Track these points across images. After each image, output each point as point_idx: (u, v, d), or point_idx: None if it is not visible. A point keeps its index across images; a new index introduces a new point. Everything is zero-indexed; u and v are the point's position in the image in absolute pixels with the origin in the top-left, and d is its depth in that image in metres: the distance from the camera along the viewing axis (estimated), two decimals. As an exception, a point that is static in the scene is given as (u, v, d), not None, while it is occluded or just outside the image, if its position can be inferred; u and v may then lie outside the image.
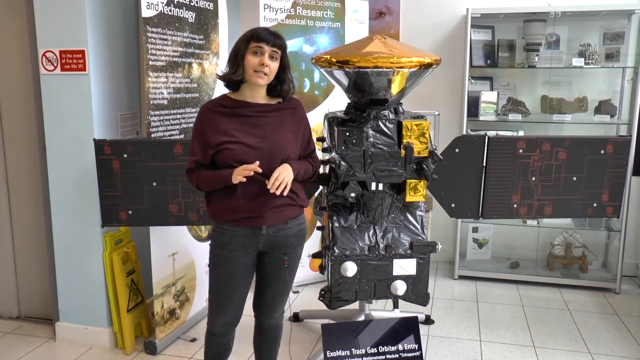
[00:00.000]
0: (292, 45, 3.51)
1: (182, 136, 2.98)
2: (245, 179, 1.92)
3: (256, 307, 2.26)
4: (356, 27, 3.77)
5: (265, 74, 1.96)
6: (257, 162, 1.91)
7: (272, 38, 1.95)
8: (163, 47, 2.79)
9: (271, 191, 1.93)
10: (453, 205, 2.81)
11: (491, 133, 3.10)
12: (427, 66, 2.37)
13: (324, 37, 3.67)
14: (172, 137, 2.90)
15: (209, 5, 3.15)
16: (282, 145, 2.01)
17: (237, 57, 1.98)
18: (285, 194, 1.96)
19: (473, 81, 3.89)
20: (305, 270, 3.66)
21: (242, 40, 1.98)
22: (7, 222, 3.24)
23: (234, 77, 1.99)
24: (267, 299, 2.21)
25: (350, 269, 2.44)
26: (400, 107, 2.59)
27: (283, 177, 1.94)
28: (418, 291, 2.53)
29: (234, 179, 1.93)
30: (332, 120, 2.51)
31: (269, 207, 2.03)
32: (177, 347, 2.99)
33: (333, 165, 2.38)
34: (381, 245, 2.50)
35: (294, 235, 2.13)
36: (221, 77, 2.04)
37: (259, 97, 2.05)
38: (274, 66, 1.98)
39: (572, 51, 3.77)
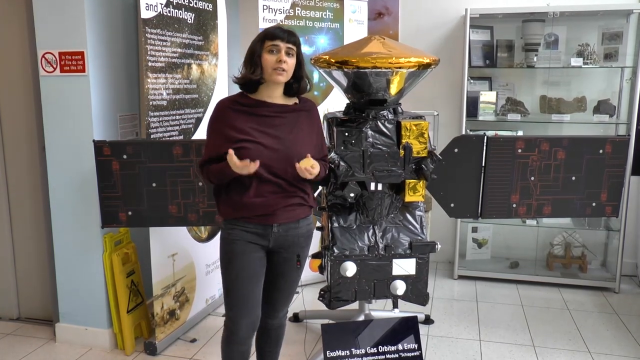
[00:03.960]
0: (291, 46, 3.51)
1: (181, 137, 2.99)
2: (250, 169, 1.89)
3: (262, 306, 2.21)
4: (355, 27, 3.78)
5: (284, 70, 1.96)
6: (258, 163, 1.90)
7: (287, 35, 1.97)
8: (162, 48, 2.79)
9: (301, 168, 1.92)
10: (452, 205, 2.81)
11: (490, 133, 3.10)
12: (425, 66, 2.38)
13: (323, 37, 3.67)
14: (171, 138, 2.91)
15: (208, 6, 3.16)
16: (298, 147, 2.01)
17: (253, 57, 1.98)
18: (306, 176, 1.96)
19: (472, 81, 3.90)
20: (305, 271, 3.65)
21: (257, 41, 1.99)
22: (7, 223, 3.24)
23: (253, 77, 1.98)
24: (273, 298, 2.20)
25: (350, 269, 2.45)
26: (399, 108, 2.60)
27: (316, 169, 1.95)
28: (417, 291, 2.54)
29: (235, 169, 1.90)
30: (331, 121, 2.52)
31: (281, 206, 2.03)
32: (177, 347, 2.99)
33: (332, 166, 2.39)
34: (380, 245, 2.50)
35: (303, 235, 2.13)
36: (239, 80, 2.03)
37: (277, 96, 2.05)
38: (291, 62, 1.99)
39: (570, 51, 3.78)
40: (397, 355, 2.39)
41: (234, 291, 2.08)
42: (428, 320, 3.27)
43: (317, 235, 3.01)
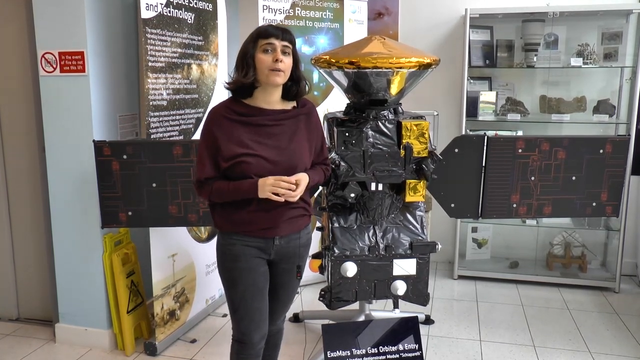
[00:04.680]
0: (291, 46, 3.51)
1: (181, 137, 2.98)
2: (282, 199, 1.81)
3: None
4: (355, 27, 3.78)
5: (282, 71, 1.82)
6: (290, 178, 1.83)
7: (281, 33, 1.83)
8: (162, 48, 2.79)
9: (285, 196, 1.82)
10: (452, 205, 2.81)
11: (490, 133, 3.10)
12: (426, 66, 2.38)
13: (323, 37, 3.67)
14: (171, 138, 2.90)
15: (208, 6, 3.16)
16: (299, 157, 1.91)
17: (245, 58, 1.83)
18: (292, 200, 1.86)
19: (472, 81, 3.90)
20: (305, 271, 3.65)
21: (250, 41, 1.84)
22: (6, 223, 3.24)
23: (246, 80, 1.83)
24: (273, 307, 2.11)
25: (350, 269, 2.44)
26: (399, 108, 2.60)
27: (301, 189, 1.85)
28: (418, 291, 2.54)
29: (263, 194, 1.81)
30: (331, 121, 2.51)
31: (285, 219, 1.94)
32: (177, 348, 2.99)
33: (333, 166, 2.39)
34: (381, 246, 2.50)
35: (303, 245, 2.06)
36: (231, 85, 1.89)
37: (274, 102, 1.91)
38: (288, 62, 1.84)
39: (570, 51, 3.78)
40: (397, 356, 2.39)
41: (243, 308, 1.99)
42: (428, 321, 3.27)
43: (317, 236, 3.02)
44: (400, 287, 2.49)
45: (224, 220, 1.96)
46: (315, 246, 3.45)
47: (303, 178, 1.87)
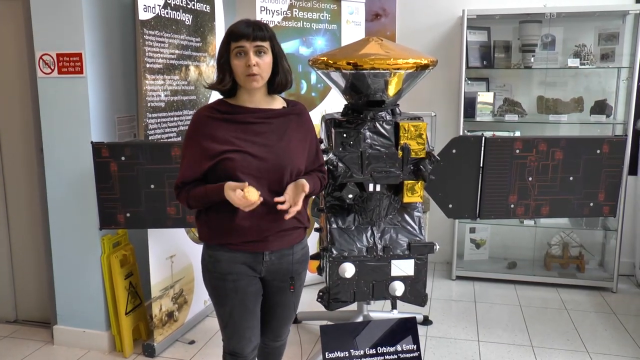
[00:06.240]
0: (288, 47, 3.52)
1: (179, 138, 2.98)
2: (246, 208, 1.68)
3: (262, 334, 2.03)
4: (352, 29, 3.78)
5: (257, 74, 1.72)
6: (246, 183, 1.68)
7: (252, 31, 1.70)
8: (160, 50, 2.79)
9: (281, 209, 1.71)
10: (450, 206, 2.81)
11: (488, 134, 3.11)
12: (423, 67, 2.38)
13: (320, 39, 3.67)
14: (169, 140, 2.90)
15: (205, 8, 3.16)
16: (289, 156, 1.78)
17: (221, 63, 1.76)
18: (289, 216, 1.75)
19: (469, 82, 3.90)
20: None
21: (223, 44, 1.75)
22: (4, 225, 3.24)
23: (222, 87, 1.77)
24: (274, 326, 2.04)
25: (349, 270, 2.45)
26: (397, 109, 2.60)
27: (299, 202, 1.74)
28: (416, 292, 2.54)
29: (229, 196, 1.68)
30: (329, 122, 2.52)
31: (275, 231, 1.81)
32: (175, 349, 2.98)
33: (330, 167, 2.39)
34: (379, 246, 2.50)
35: (298, 261, 1.92)
36: (210, 87, 1.82)
37: (259, 100, 1.81)
38: (264, 62, 1.73)
39: (567, 52, 3.79)
40: (395, 356, 2.39)
41: (231, 326, 1.91)
42: (426, 321, 3.28)
43: (315, 237, 3.02)
44: (399, 288, 2.49)
45: (208, 229, 1.85)
46: (313, 247, 3.46)
47: (300, 192, 1.75)
